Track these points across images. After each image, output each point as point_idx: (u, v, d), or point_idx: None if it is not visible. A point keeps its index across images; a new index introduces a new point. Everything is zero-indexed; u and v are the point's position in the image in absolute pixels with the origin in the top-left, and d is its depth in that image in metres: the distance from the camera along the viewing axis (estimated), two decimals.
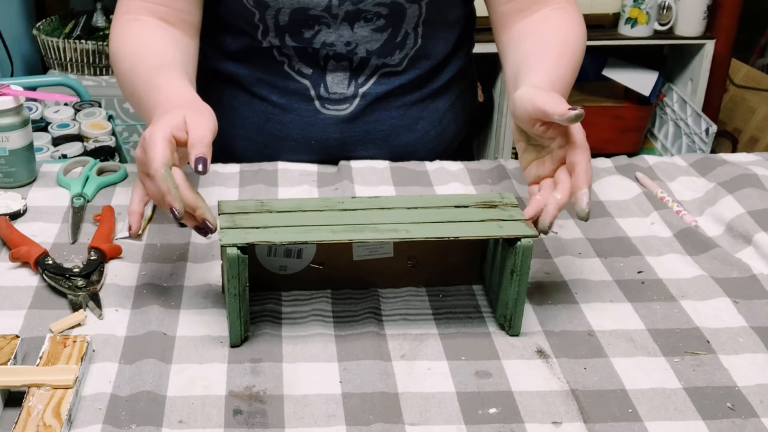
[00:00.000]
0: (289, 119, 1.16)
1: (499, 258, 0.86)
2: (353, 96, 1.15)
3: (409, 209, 0.86)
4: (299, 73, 1.14)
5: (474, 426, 0.73)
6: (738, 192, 1.07)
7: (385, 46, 1.12)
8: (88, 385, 0.76)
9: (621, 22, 2.45)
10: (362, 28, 1.10)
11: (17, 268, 0.93)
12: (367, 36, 1.10)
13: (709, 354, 0.82)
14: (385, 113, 1.17)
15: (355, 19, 1.09)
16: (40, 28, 2.39)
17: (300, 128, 1.16)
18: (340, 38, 1.10)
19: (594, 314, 0.88)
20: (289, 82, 1.15)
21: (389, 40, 1.12)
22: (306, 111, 1.15)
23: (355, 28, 1.09)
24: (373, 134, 1.17)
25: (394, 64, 1.14)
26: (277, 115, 1.17)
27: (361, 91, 1.15)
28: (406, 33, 1.12)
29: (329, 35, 1.10)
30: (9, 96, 1.04)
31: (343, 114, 1.15)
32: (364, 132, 1.17)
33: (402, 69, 1.15)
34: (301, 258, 0.89)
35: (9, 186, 1.08)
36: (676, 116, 2.63)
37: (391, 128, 1.18)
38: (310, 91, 1.14)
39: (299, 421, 0.73)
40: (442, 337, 0.84)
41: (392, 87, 1.16)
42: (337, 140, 1.17)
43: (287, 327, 0.85)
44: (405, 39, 1.12)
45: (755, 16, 2.80)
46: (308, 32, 1.10)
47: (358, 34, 1.10)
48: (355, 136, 1.17)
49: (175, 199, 0.80)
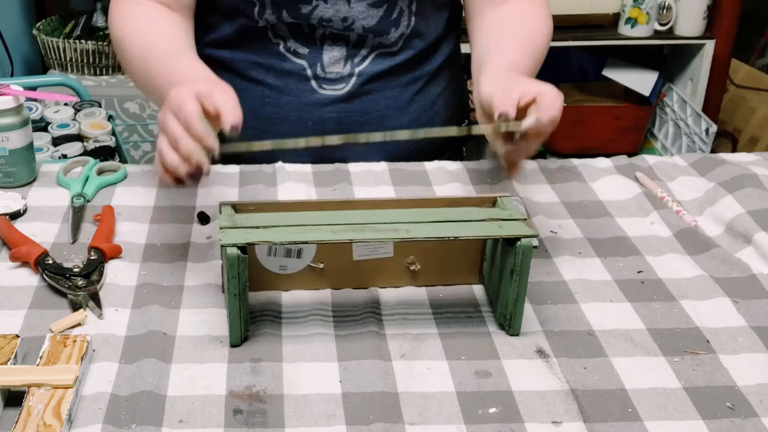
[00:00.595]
0: (285, 101, 1.17)
1: (499, 258, 0.86)
2: (350, 75, 1.16)
3: (409, 209, 0.86)
4: (295, 53, 1.14)
5: (474, 426, 0.73)
6: (738, 192, 1.07)
7: (380, 23, 1.13)
8: (88, 385, 0.76)
9: (621, 22, 2.45)
10: (359, 2, 1.11)
11: (17, 267, 0.93)
12: (363, 11, 1.11)
13: (709, 354, 0.82)
14: (380, 94, 1.18)
15: None
16: (40, 28, 2.39)
17: (296, 109, 1.17)
18: (337, 13, 1.11)
19: (594, 314, 0.88)
20: (285, 63, 1.15)
21: (384, 17, 1.13)
22: (303, 91, 1.16)
23: (352, 2, 1.11)
24: (368, 114, 1.18)
25: (389, 43, 1.15)
26: (273, 97, 1.17)
27: (357, 70, 1.16)
28: (401, 10, 1.13)
29: (326, 10, 1.11)
30: (9, 96, 1.04)
31: (339, 93, 1.16)
32: (359, 112, 1.18)
33: (397, 49, 1.17)
34: (301, 258, 0.89)
35: (9, 186, 1.08)
36: (676, 116, 2.63)
37: (386, 108, 1.19)
38: (306, 70, 1.15)
39: (299, 421, 0.73)
40: (442, 337, 0.84)
41: (388, 66, 1.17)
42: (333, 121, 1.17)
43: (287, 327, 0.85)
44: (400, 16, 1.14)
45: (755, 16, 2.80)
46: (305, 7, 1.11)
47: (355, 9, 1.11)
48: (350, 117, 1.18)
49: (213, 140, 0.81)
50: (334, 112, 1.17)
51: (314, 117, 1.17)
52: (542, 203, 1.09)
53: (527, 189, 1.11)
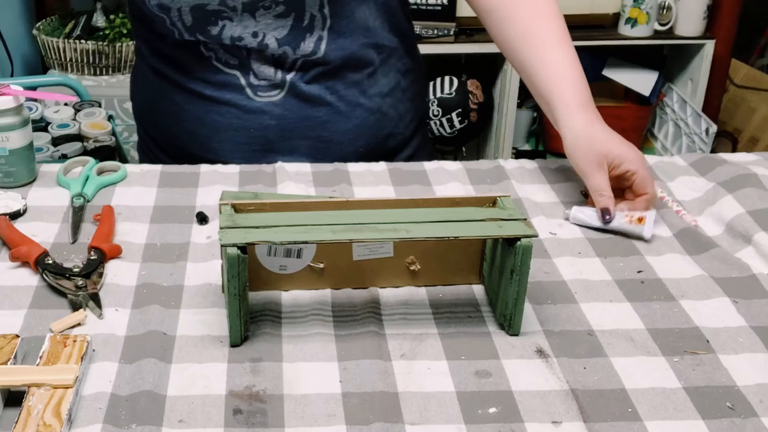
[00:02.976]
0: (225, 110, 1.17)
1: (499, 258, 0.86)
2: (282, 82, 1.15)
3: (409, 209, 0.86)
4: (227, 64, 1.14)
5: (474, 426, 0.73)
6: (738, 192, 1.07)
7: (293, 31, 1.11)
8: (88, 385, 0.76)
9: (621, 22, 2.45)
10: (264, 16, 1.09)
11: (17, 267, 0.93)
12: (272, 23, 1.10)
13: (709, 353, 0.82)
14: (318, 99, 1.16)
15: (254, 8, 1.08)
16: (40, 28, 2.40)
17: (237, 117, 1.17)
18: (245, 29, 1.10)
19: (594, 314, 0.88)
20: (219, 75, 1.15)
21: (295, 26, 1.11)
22: (240, 100, 1.16)
23: (258, 17, 1.09)
24: (309, 120, 1.17)
25: (309, 51, 1.13)
26: (214, 107, 1.18)
27: (288, 77, 1.15)
28: (311, 16, 1.11)
29: (234, 28, 1.10)
30: (9, 96, 1.04)
31: (275, 100, 1.16)
32: (299, 119, 1.17)
33: (322, 54, 1.14)
34: (301, 258, 0.89)
35: (9, 186, 1.08)
36: (676, 116, 2.63)
37: (326, 114, 1.17)
38: (240, 79, 1.15)
39: (299, 421, 0.73)
40: (441, 337, 0.84)
41: (318, 72, 1.15)
42: (275, 128, 1.17)
43: (287, 326, 0.85)
44: (312, 22, 1.11)
45: (755, 16, 2.80)
46: (214, 28, 1.10)
47: (262, 22, 1.10)
48: (291, 124, 1.17)
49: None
50: (273, 119, 1.16)
51: (255, 124, 1.17)
52: (542, 203, 1.09)
53: (527, 189, 1.11)
